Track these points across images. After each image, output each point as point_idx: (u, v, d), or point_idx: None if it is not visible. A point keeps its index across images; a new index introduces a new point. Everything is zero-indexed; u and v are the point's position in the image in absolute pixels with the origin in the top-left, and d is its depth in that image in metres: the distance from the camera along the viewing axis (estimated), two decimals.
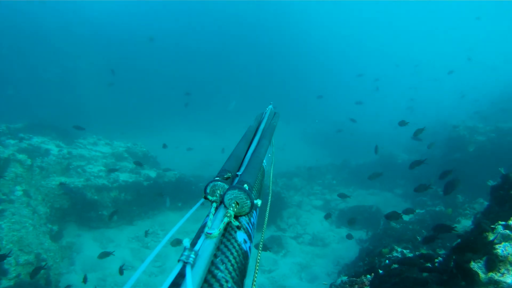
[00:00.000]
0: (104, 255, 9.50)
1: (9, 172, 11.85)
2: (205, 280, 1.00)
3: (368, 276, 5.61)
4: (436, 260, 5.19)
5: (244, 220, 1.38)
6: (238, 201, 1.32)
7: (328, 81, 34.50)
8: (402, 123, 10.81)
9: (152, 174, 15.28)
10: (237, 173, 1.71)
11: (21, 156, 12.66)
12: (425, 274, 4.49)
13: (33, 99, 28.11)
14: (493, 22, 50.29)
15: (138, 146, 17.63)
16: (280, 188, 16.10)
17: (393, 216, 8.72)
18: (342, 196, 11.31)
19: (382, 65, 49.56)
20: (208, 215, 1.28)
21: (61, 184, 12.59)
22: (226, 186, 1.41)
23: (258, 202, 1.46)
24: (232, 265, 1.12)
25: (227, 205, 1.31)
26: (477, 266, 3.97)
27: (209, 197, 1.39)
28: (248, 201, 1.33)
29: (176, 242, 10.18)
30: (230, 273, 1.08)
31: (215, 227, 1.17)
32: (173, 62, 38.58)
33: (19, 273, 9.08)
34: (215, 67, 39.77)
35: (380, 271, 5.13)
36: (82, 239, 12.28)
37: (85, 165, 14.63)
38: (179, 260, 0.98)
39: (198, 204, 1.40)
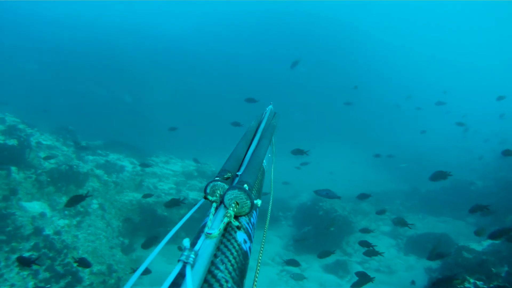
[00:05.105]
0: None
1: (87, 186, 12.68)
2: (205, 280, 1.02)
3: None
4: None
5: (244, 220, 1.39)
6: (238, 201, 1.33)
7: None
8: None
9: None
10: (237, 173, 1.71)
11: (98, 172, 13.53)
12: None
13: (110, 119, 29.95)
14: None
15: (207, 165, 18.07)
16: (348, 213, 15.66)
17: None
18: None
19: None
20: (208, 215, 1.31)
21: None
22: (226, 186, 1.42)
23: (258, 202, 1.46)
24: (232, 265, 1.13)
25: (227, 205, 1.33)
26: None
27: (209, 197, 1.41)
28: (248, 201, 1.34)
29: None
30: (230, 273, 1.10)
31: (215, 227, 1.20)
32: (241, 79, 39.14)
33: (92, 282, 9.59)
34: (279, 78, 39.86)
35: None
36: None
37: (157, 182, 15.25)
38: (179, 260, 1.01)
39: (198, 204, 1.42)
